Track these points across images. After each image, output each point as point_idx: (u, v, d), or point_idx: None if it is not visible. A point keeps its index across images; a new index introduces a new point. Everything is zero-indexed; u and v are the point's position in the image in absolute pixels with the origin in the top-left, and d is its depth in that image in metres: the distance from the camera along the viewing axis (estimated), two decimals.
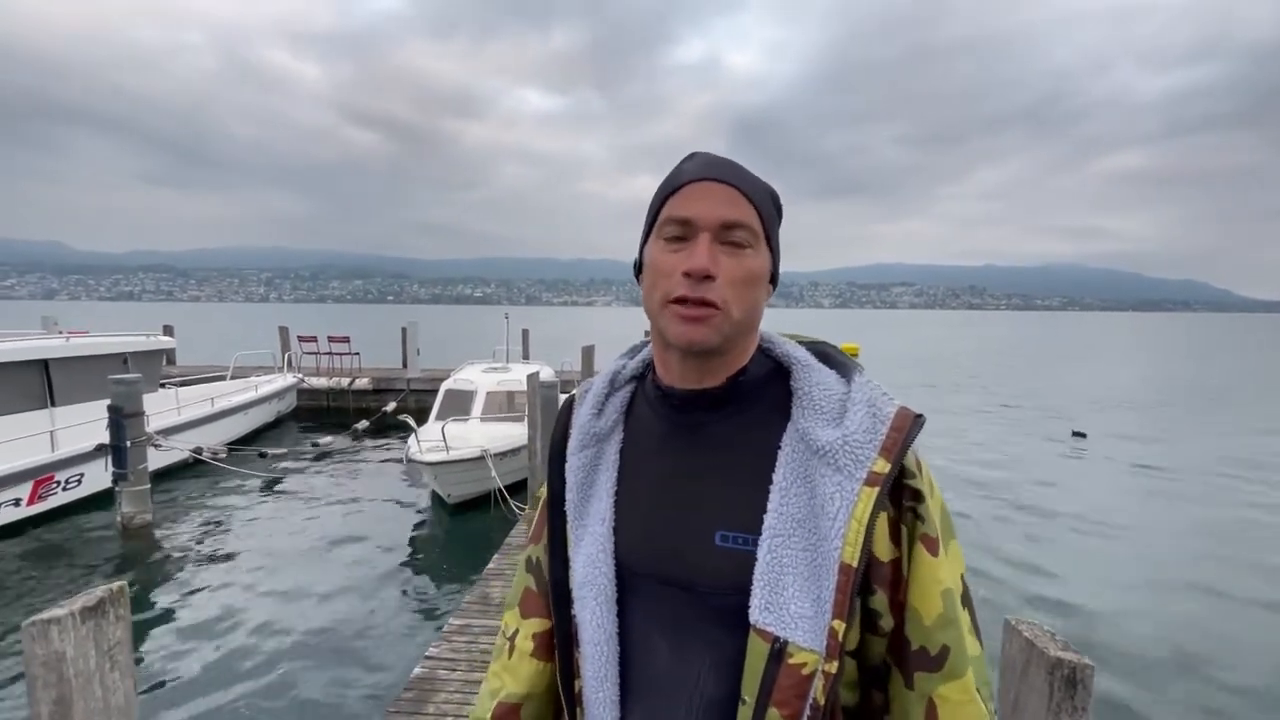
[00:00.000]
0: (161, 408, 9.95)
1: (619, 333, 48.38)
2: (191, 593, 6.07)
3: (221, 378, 14.23)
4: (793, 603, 0.61)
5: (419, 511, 8.57)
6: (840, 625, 0.59)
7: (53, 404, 8.56)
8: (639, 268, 0.75)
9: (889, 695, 0.66)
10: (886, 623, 0.64)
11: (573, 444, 0.80)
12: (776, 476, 0.65)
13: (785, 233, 0.79)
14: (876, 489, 0.60)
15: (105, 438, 7.52)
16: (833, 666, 0.59)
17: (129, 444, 7.31)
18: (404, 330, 16.86)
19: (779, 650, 0.60)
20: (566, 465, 0.80)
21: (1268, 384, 25.04)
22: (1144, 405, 18.80)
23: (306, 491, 9.40)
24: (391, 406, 14.74)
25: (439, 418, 9.30)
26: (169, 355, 16.07)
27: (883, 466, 0.61)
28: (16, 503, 7.52)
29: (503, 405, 9.61)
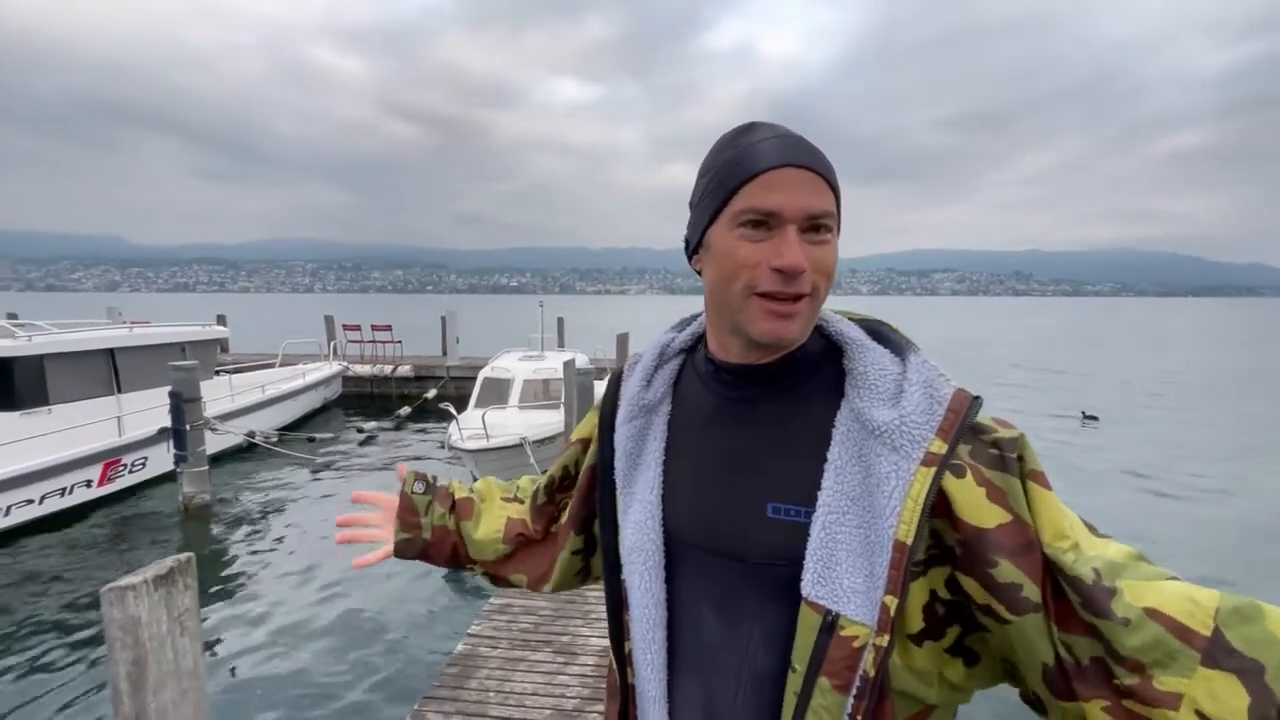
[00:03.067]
0: (216, 394, 10.43)
1: (652, 320, 48.30)
2: (247, 569, 6.39)
3: (271, 365, 14.79)
4: (845, 577, 0.61)
5: None
6: (892, 601, 0.59)
7: (119, 390, 9.06)
8: (693, 246, 0.73)
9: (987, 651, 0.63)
10: (1032, 592, 0.58)
11: (621, 414, 0.82)
12: (831, 454, 0.65)
13: None
14: (933, 469, 0.59)
15: (167, 422, 7.94)
16: (883, 640, 0.59)
17: (188, 428, 7.68)
18: (443, 319, 17.21)
19: (830, 623, 0.61)
20: (615, 435, 0.82)
21: None
22: (1177, 393, 18.00)
23: (353, 475, 9.75)
24: (432, 393, 15.12)
25: (478, 405, 9.50)
26: (223, 344, 16.79)
27: (939, 447, 0.60)
28: (88, 484, 8.00)
29: (539, 393, 9.75)
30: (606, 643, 3.46)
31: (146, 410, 8.82)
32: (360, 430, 12.37)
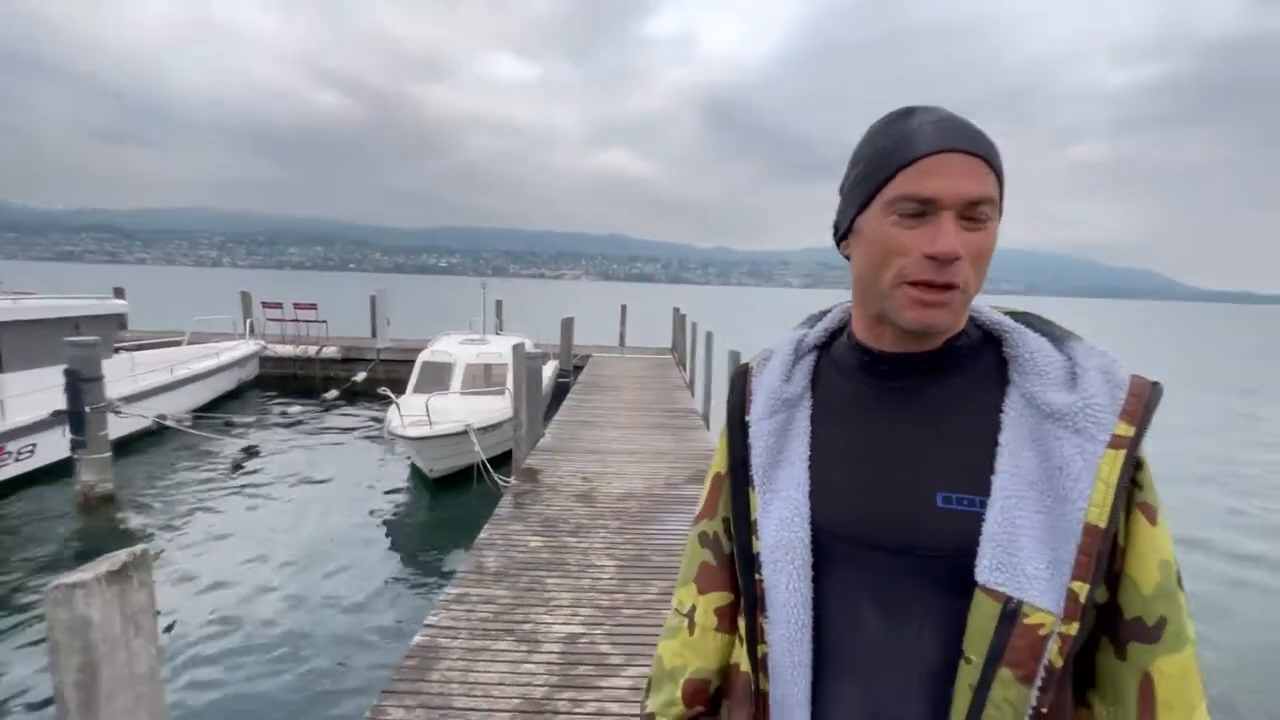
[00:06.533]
0: (117, 374, 9.49)
1: (593, 306, 47.90)
2: (167, 563, 5.87)
3: (178, 343, 13.64)
4: (1027, 563, 0.60)
5: (398, 483, 8.45)
6: (1081, 587, 0.58)
7: (1, 370, 8.08)
8: (842, 232, 0.73)
9: (1095, 667, 0.65)
10: (1101, 593, 0.63)
11: (759, 410, 0.79)
12: (1003, 438, 0.64)
13: (761, 213, 0.69)
14: (1124, 451, 0.60)
15: (58, 405, 7.16)
16: (1072, 629, 0.58)
17: (88, 410, 6.96)
18: (373, 299, 16.39)
19: (1013, 610, 0.59)
20: (751, 432, 0.79)
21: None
22: None
23: (279, 462, 9.16)
24: (361, 376, 14.42)
25: (417, 390, 9.14)
26: (121, 320, 15.31)
27: (1126, 430, 0.61)
28: None
29: (479, 378, 9.47)
30: (570, 629, 3.45)
31: (35, 393, 7.91)
32: (285, 414, 11.62)
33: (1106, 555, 0.60)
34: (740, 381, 0.85)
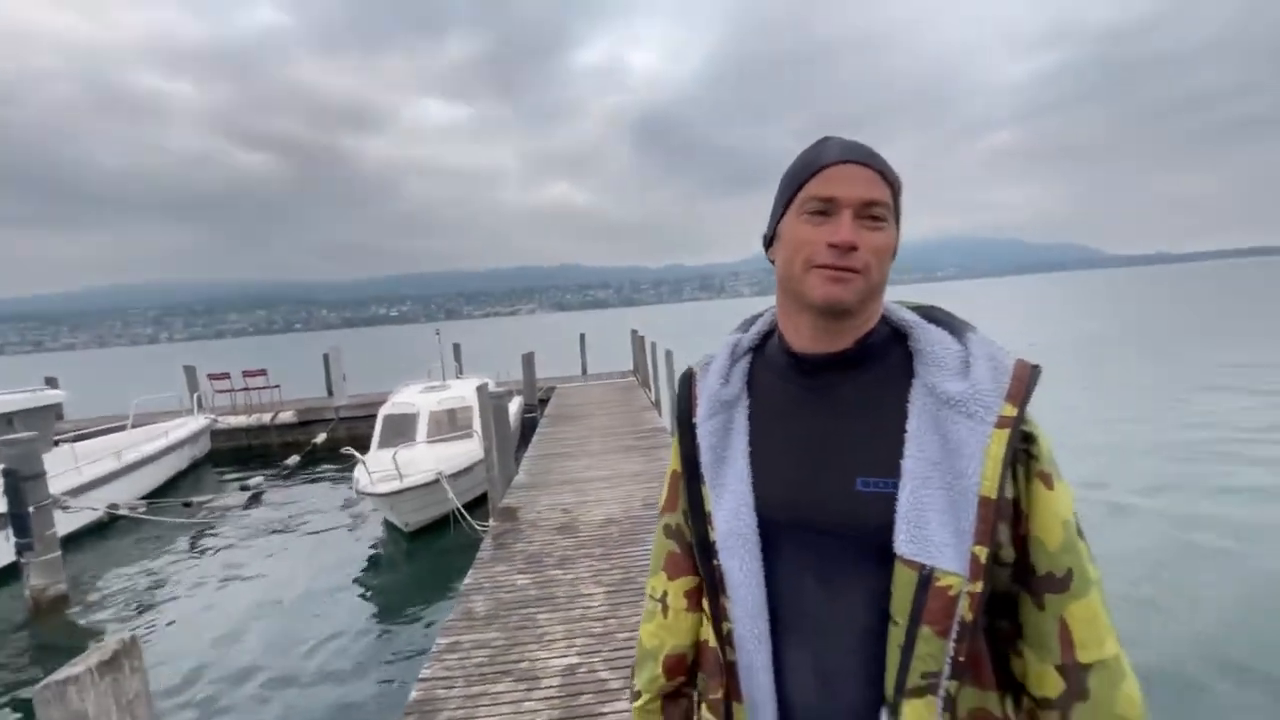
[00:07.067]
0: (59, 467, 9.02)
1: (552, 338, 47.73)
2: None
3: (121, 428, 13.03)
4: (935, 534, 0.68)
5: (373, 541, 8.23)
6: (982, 550, 0.67)
7: None
8: (769, 242, 0.85)
9: (1020, 620, 0.74)
10: (1007, 554, 0.72)
11: (702, 412, 0.88)
12: (910, 426, 0.73)
13: (705, 226, 0.80)
14: (1008, 430, 0.68)
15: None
16: (977, 586, 0.67)
17: (32, 510, 6.60)
18: (325, 357, 16.00)
19: (926, 576, 0.68)
20: (698, 433, 0.87)
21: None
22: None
23: (245, 537, 8.80)
24: (321, 438, 14.02)
25: (382, 445, 8.97)
26: (58, 410, 14.54)
27: (1010, 411, 0.69)
28: None
29: (444, 425, 9.37)
30: (568, 661, 3.47)
31: None
32: (245, 487, 11.20)
33: (1009, 519, 0.70)
34: (686, 386, 0.93)
